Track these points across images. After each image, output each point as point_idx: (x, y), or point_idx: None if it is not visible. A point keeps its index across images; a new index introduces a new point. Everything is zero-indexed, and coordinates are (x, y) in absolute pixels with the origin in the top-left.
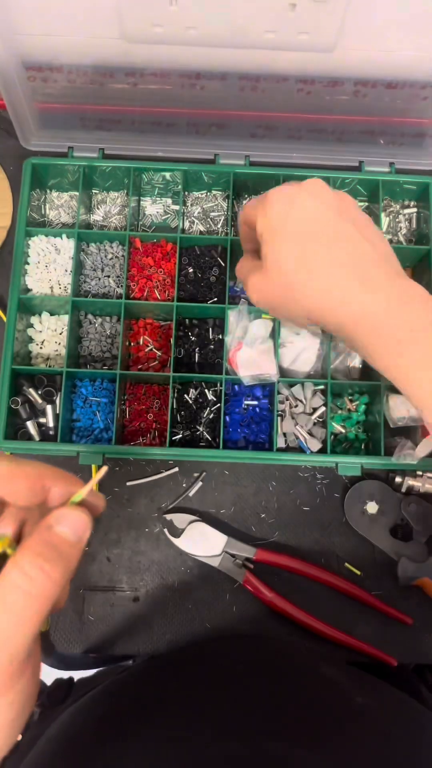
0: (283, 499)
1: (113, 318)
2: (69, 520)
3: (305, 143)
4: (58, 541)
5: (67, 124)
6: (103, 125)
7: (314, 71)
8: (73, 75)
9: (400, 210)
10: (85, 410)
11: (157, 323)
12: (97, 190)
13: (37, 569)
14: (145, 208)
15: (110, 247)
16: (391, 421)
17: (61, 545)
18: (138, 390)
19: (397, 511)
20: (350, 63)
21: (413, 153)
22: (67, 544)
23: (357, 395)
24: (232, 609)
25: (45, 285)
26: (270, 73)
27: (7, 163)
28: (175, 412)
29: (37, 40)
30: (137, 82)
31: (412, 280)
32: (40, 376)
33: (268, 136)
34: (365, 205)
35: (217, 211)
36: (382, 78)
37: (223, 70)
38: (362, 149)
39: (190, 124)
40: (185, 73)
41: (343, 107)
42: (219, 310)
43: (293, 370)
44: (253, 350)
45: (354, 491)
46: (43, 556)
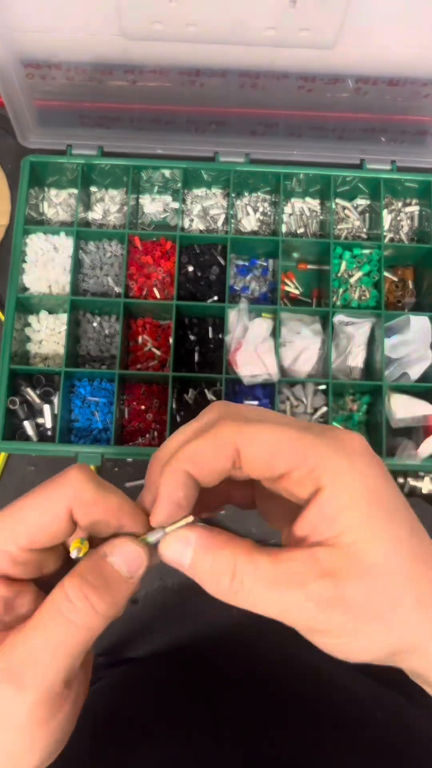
0: None
1: (112, 317)
2: (124, 552)
3: (306, 141)
4: (109, 571)
5: (65, 121)
6: (102, 123)
7: (315, 68)
8: (71, 72)
9: (401, 208)
10: (83, 410)
11: (157, 322)
12: (95, 188)
13: (82, 597)
14: (145, 206)
15: (109, 245)
16: (392, 421)
17: (111, 577)
18: (137, 390)
19: None
20: (351, 60)
21: (415, 150)
22: (117, 576)
23: (359, 395)
24: (232, 610)
25: (43, 284)
26: (270, 70)
27: (6, 161)
28: (175, 412)
29: (35, 37)
30: (136, 79)
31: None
32: (38, 376)
33: (268, 134)
34: (366, 203)
35: (216, 209)
36: (383, 75)
37: (223, 67)
38: (363, 147)
39: (189, 122)
40: (185, 70)
41: (344, 104)
42: (219, 309)
43: (294, 369)
44: (253, 350)
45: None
46: (90, 584)
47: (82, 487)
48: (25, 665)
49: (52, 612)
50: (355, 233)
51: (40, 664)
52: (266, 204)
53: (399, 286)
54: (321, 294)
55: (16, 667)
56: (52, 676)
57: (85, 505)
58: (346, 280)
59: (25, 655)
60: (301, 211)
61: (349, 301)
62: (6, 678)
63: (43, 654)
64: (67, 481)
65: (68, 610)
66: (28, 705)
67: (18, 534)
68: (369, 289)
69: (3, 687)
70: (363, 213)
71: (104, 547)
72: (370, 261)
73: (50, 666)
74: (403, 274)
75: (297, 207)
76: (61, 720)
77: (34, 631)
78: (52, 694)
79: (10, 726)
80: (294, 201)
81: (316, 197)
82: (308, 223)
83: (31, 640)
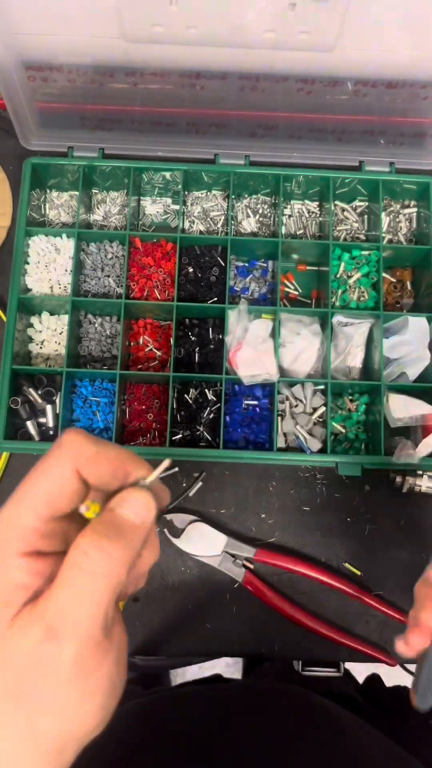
0: (283, 499)
1: (113, 318)
2: (131, 501)
3: (305, 143)
4: (120, 521)
5: (67, 123)
6: (103, 125)
7: (314, 71)
8: (73, 75)
9: (400, 210)
10: (84, 410)
11: (157, 323)
12: (97, 189)
13: (96, 548)
14: (145, 208)
15: (110, 246)
16: (391, 420)
17: (123, 526)
18: (138, 390)
19: None
20: (350, 62)
21: (413, 153)
22: (128, 524)
23: (357, 395)
24: (232, 609)
25: (45, 285)
26: (270, 72)
27: (7, 162)
28: (175, 412)
29: (37, 40)
30: (137, 81)
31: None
32: (39, 376)
33: (268, 136)
34: (365, 205)
35: (217, 210)
36: (382, 77)
37: (223, 69)
38: (362, 149)
39: (190, 124)
40: (185, 72)
41: (343, 107)
42: (219, 309)
43: (293, 369)
44: (253, 350)
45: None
46: (103, 535)
47: (82, 446)
48: (58, 620)
49: (72, 567)
50: (354, 235)
51: (72, 616)
52: (266, 206)
53: (397, 287)
54: (320, 295)
55: (52, 625)
56: (86, 625)
57: (88, 461)
58: (345, 281)
59: (56, 611)
60: (300, 212)
61: (348, 301)
62: (45, 636)
63: (73, 606)
64: (66, 444)
65: (85, 562)
66: (70, 656)
67: (37, 506)
68: (368, 290)
69: (45, 645)
70: (362, 214)
71: (111, 503)
72: (368, 262)
73: (82, 616)
74: (402, 275)
75: (296, 209)
76: (109, 668)
77: (59, 588)
78: (92, 643)
79: (61, 681)
80: (293, 203)
81: (315, 199)
82: (307, 225)
83: (59, 597)
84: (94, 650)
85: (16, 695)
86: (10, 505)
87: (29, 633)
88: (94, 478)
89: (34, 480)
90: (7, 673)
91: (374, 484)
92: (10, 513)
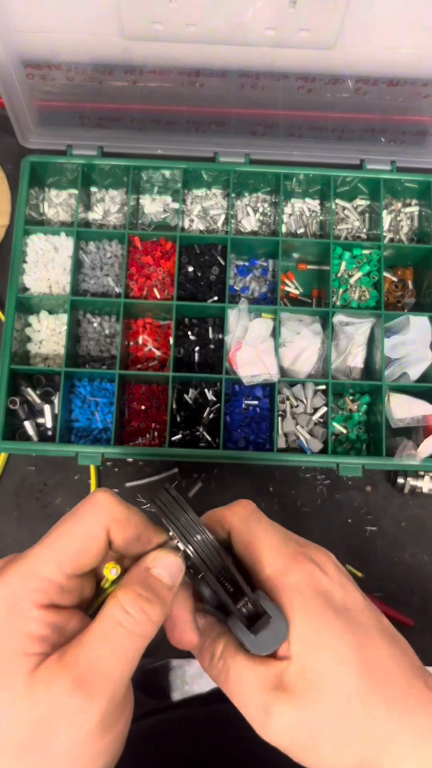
0: (283, 499)
1: (112, 317)
2: (164, 563)
3: (306, 141)
4: (155, 582)
5: (66, 122)
6: (102, 123)
7: (315, 68)
8: (72, 72)
9: (401, 208)
10: (83, 410)
11: (157, 322)
12: (96, 188)
13: (138, 609)
14: (145, 207)
15: (109, 245)
16: (392, 421)
17: (157, 587)
18: (137, 390)
19: None
20: (351, 60)
21: (415, 151)
22: (162, 586)
23: (358, 395)
24: None
25: (43, 284)
26: (270, 70)
27: (6, 161)
28: (175, 412)
29: (35, 38)
30: (136, 79)
31: None
32: (38, 376)
33: (268, 134)
34: (366, 204)
35: (216, 209)
36: (383, 75)
37: (223, 67)
38: (363, 147)
39: (189, 122)
40: (185, 70)
41: (343, 105)
42: (219, 309)
43: (294, 369)
44: (253, 350)
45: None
46: (143, 597)
47: (113, 507)
48: (92, 674)
49: (111, 623)
50: (355, 233)
51: (106, 672)
52: (266, 204)
53: (399, 287)
54: (321, 294)
55: (84, 676)
56: (117, 683)
57: (118, 523)
58: (345, 280)
59: (91, 664)
60: (301, 211)
61: (349, 301)
62: (76, 687)
63: (109, 662)
64: (98, 503)
65: (127, 621)
66: (98, 712)
67: (62, 560)
68: (369, 289)
69: (73, 696)
70: (363, 213)
71: (144, 562)
72: (369, 261)
73: (116, 673)
74: (403, 275)
75: (297, 207)
76: (123, 726)
77: (96, 642)
78: (117, 700)
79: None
80: (294, 201)
81: (315, 197)
82: (308, 224)
83: (96, 650)
84: (117, 708)
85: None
86: (35, 552)
87: (56, 684)
88: (121, 541)
89: (63, 533)
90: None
91: (375, 485)
92: (33, 562)
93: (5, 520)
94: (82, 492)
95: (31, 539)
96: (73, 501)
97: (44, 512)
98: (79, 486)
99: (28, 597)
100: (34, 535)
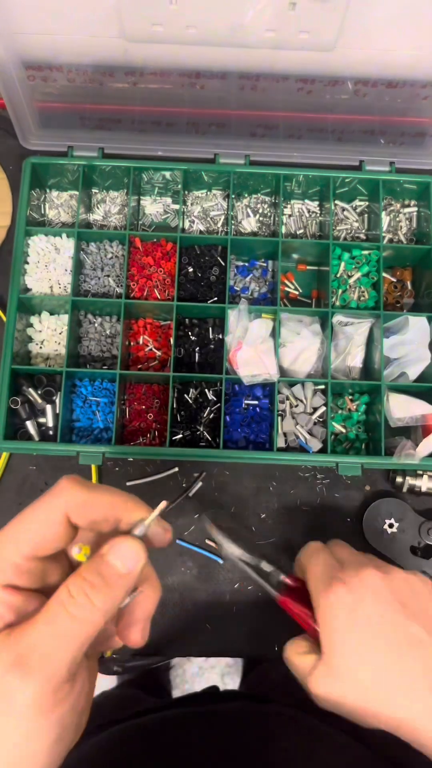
0: (283, 499)
1: (113, 318)
2: (121, 551)
3: (305, 142)
4: (107, 570)
5: (66, 123)
6: (102, 124)
7: (314, 70)
8: (72, 74)
9: (400, 209)
10: (84, 410)
11: (157, 323)
12: (96, 189)
13: (82, 593)
14: (145, 208)
15: (110, 246)
16: (391, 420)
17: (109, 575)
18: (138, 390)
19: (417, 530)
20: (350, 62)
21: (414, 152)
22: (115, 574)
23: (357, 395)
24: (232, 609)
25: (45, 284)
26: (270, 72)
27: (7, 162)
28: (175, 412)
29: (36, 39)
30: (137, 81)
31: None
32: (39, 376)
33: (268, 136)
34: (365, 205)
35: (217, 210)
36: (382, 77)
37: (223, 69)
38: (363, 148)
39: (190, 124)
40: (185, 72)
41: (343, 106)
42: (219, 309)
43: (293, 369)
44: (253, 350)
45: (372, 510)
46: (89, 582)
47: (73, 491)
48: (31, 653)
49: (56, 607)
50: (354, 234)
51: (45, 652)
52: (266, 205)
53: (397, 287)
54: (320, 295)
55: (23, 654)
56: (56, 664)
57: (78, 506)
58: (345, 280)
59: (31, 643)
60: (300, 212)
61: (348, 301)
62: (13, 666)
63: (48, 643)
64: (59, 489)
65: (70, 605)
66: (32, 691)
67: (21, 543)
68: (368, 289)
69: (9, 675)
70: (362, 214)
71: (101, 549)
72: (368, 262)
73: (54, 655)
74: (402, 275)
75: (296, 208)
76: (65, 712)
77: (39, 623)
78: (56, 683)
79: (15, 713)
80: (293, 202)
81: (315, 199)
82: (307, 225)
83: (37, 631)
84: (54, 691)
85: None
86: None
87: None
88: (85, 523)
89: (23, 519)
90: None
91: (374, 484)
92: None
93: (6, 520)
94: None
95: None
96: None
97: None
98: None
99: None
100: None
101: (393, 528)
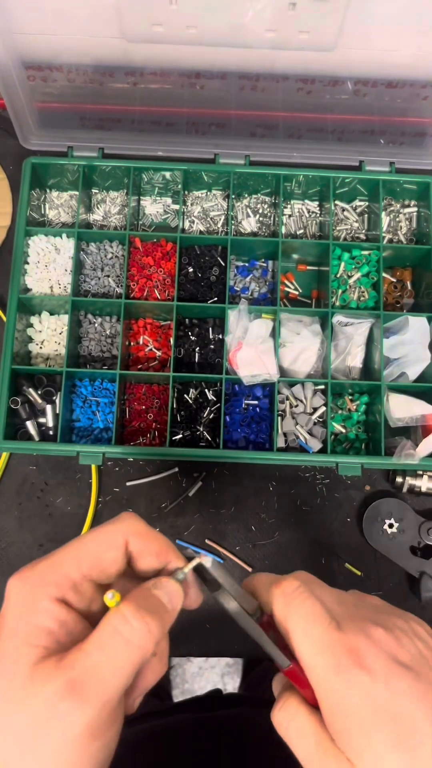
0: (283, 499)
1: (113, 318)
2: (167, 587)
3: (305, 143)
4: (156, 601)
5: (66, 123)
6: (102, 125)
7: (314, 70)
8: (72, 74)
9: (400, 209)
10: (84, 410)
11: (157, 323)
12: (96, 189)
13: (139, 620)
14: (145, 208)
15: (110, 246)
16: (391, 420)
17: (158, 605)
18: (138, 390)
19: (417, 530)
20: (350, 62)
21: (414, 152)
22: (162, 606)
23: (357, 395)
24: None
25: (45, 285)
26: (270, 72)
27: (7, 162)
28: (175, 412)
29: (36, 40)
30: (137, 81)
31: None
32: (39, 376)
33: (268, 136)
34: (365, 205)
35: (217, 210)
36: (382, 77)
37: (223, 69)
38: (363, 149)
39: (190, 124)
40: (185, 72)
41: (343, 106)
42: (219, 309)
43: (293, 369)
44: (253, 350)
45: (372, 510)
46: (145, 609)
47: (134, 522)
48: (87, 679)
49: (110, 632)
50: (354, 234)
51: (101, 679)
52: (266, 205)
53: (397, 287)
54: (320, 295)
55: (77, 680)
56: (110, 691)
57: (137, 535)
58: (345, 280)
59: (86, 669)
60: (300, 212)
61: (348, 301)
62: (68, 691)
63: (104, 670)
64: (122, 519)
65: (126, 631)
66: (86, 718)
67: (82, 561)
68: (368, 289)
69: (64, 700)
70: (362, 214)
71: (147, 583)
72: (368, 262)
73: (110, 681)
74: (402, 275)
75: (296, 208)
76: (112, 736)
77: (95, 648)
78: (110, 708)
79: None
80: (293, 202)
81: (315, 199)
82: (307, 225)
83: (93, 656)
84: (107, 717)
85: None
86: (58, 552)
87: (51, 683)
88: (139, 554)
89: (86, 538)
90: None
91: (374, 484)
92: (54, 559)
93: (7, 519)
94: (83, 491)
95: (33, 538)
96: (74, 500)
97: (45, 511)
98: (80, 485)
99: (45, 588)
100: (35, 534)
101: (393, 528)
